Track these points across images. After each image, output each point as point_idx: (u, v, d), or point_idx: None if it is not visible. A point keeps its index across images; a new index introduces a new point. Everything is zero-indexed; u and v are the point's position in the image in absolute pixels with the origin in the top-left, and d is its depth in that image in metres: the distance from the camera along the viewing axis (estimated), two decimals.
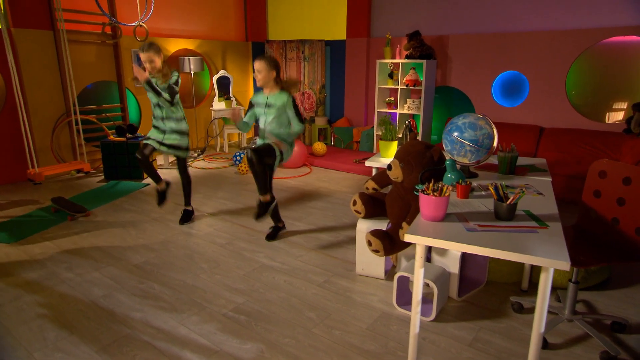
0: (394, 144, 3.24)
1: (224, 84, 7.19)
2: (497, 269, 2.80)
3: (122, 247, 3.38)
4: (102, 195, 4.66)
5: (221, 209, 4.24)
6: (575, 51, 4.79)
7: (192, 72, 6.60)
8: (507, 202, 1.82)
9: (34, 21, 5.02)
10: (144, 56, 3.38)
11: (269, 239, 3.49)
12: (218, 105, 7.00)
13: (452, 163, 2.24)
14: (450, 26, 5.65)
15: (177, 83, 3.49)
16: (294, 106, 3.18)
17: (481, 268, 2.80)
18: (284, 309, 2.53)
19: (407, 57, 5.61)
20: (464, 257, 2.83)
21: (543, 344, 2.17)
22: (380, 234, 2.48)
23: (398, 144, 3.32)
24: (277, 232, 3.56)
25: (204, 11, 7.01)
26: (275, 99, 3.18)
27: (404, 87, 5.71)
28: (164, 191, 3.76)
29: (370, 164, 3.17)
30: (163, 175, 5.37)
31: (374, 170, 3.19)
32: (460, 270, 2.61)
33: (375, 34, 6.36)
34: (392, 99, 5.92)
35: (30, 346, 2.18)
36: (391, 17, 6.14)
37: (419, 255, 1.77)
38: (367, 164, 3.18)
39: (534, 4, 4.98)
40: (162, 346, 2.18)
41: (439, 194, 1.82)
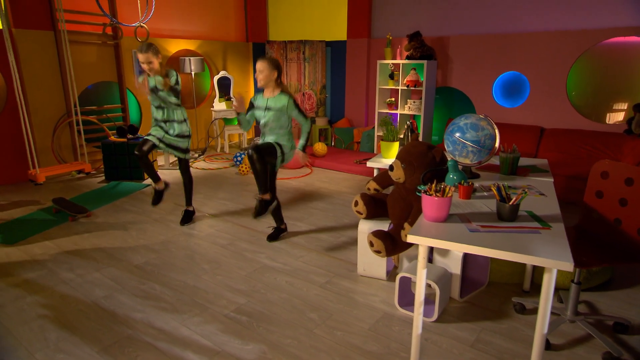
0: (396, 144, 3.23)
1: (224, 84, 7.19)
2: (499, 270, 2.80)
3: (123, 247, 3.37)
4: (103, 195, 4.65)
5: (222, 210, 4.24)
6: (576, 52, 4.79)
7: (193, 73, 6.60)
8: (510, 203, 1.82)
9: (34, 22, 5.02)
10: (142, 57, 3.38)
11: (271, 239, 3.49)
12: (219, 105, 6.99)
13: (454, 164, 2.24)
14: (451, 27, 5.65)
15: (178, 83, 3.49)
16: (296, 106, 3.17)
17: (483, 269, 2.80)
18: (285, 309, 2.52)
19: (408, 57, 5.61)
20: (466, 257, 2.83)
21: (545, 345, 2.16)
22: (382, 235, 2.48)
23: (399, 145, 3.32)
24: (278, 233, 3.55)
25: (205, 12, 7.02)
26: (275, 102, 3.18)
27: (405, 88, 5.71)
28: (161, 191, 3.73)
29: (372, 164, 3.17)
30: (163, 175, 5.36)
31: (375, 171, 3.19)
32: (462, 271, 2.61)
33: (375, 34, 6.36)
34: (393, 99, 5.92)
35: (31, 347, 2.18)
36: (392, 18, 6.14)
37: (421, 256, 1.77)
38: (369, 164, 3.18)
39: (535, 5, 4.99)
40: (163, 347, 2.18)
41: (441, 194, 1.82)
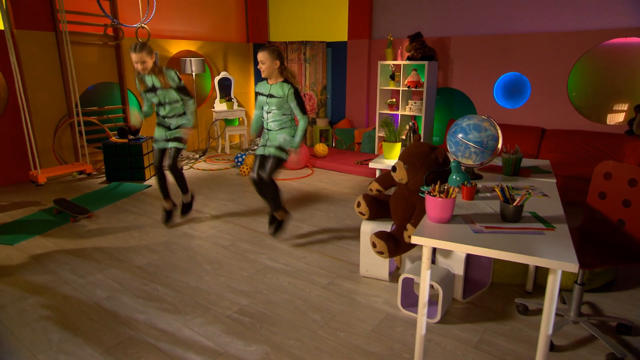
0: (398, 145, 3.23)
1: (225, 85, 7.19)
2: (501, 271, 2.80)
3: (124, 248, 3.37)
4: (104, 196, 4.65)
5: (223, 211, 4.24)
6: (577, 53, 4.79)
7: (194, 74, 6.60)
8: (514, 204, 1.82)
9: (36, 22, 5.02)
10: (135, 57, 3.37)
11: (275, 232, 3.51)
12: (219, 106, 6.99)
13: (458, 164, 2.24)
14: (452, 28, 5.65)
15: (180, 79, 3.58)
16: (296, 97, 3.18)
17: (485, 269, 2.80)
18: (288, 310, 2.52)
19: (409, 58, 5.61)
20: (468, 258, 2.83)
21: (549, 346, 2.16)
22: (384, 236, 2.48)
23: (402, 146, 3.32)
24: (280, 224, 3.54)
25: (206, 13, 7.02)
26: (277, 90, 3.20)
27: (406, 89, 5.71)
28: (170, 211, 3.86)
29: (374, 165, 3.16)
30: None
31: (377, 172, 3.18)
32: (465, 272, 2.61)
33: (376, 35, 6.36)
34: (394, 100, 5.92)
35: (34, 348, 2.18)
36: (393, 19, 6.14)
37: (425, 257, 1.77)
38: (371, 165, 3.17)
39: (535, 6, 4.99)
40: (166, 348, 2.18)
41: (445, 195, 1.81)
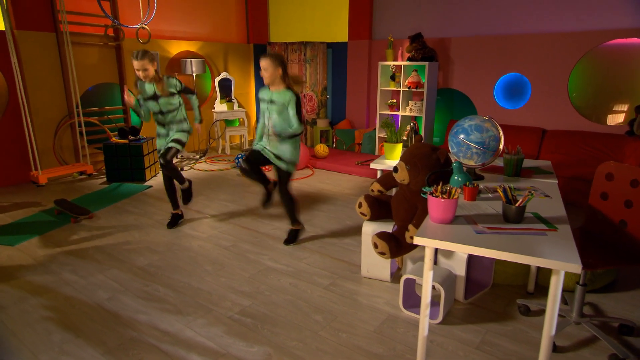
0: (399, 146, 3.23)
1: (225, 86, 7.19)
2: (503, 271, 2.80)
3: (125, 249, 3.37)
4: (104, 197, 4.65)
5: (224, 211, 4.24)
6: (578, 53, 4.80)
7: (194, 74, 6.61)
8: (516, 205, 1.82)
9: (37, 23, 5.01)
10: (137, 64, 3.36)
11: (287, 242, 3.49)
12: (220, 107, 6.99)
13: (459, 165, 2.24)
14: (452, 28, 5.65)
15: (182, 84, 3.61)
16: (296, 105, 3.17)
17: (487, 270, 2.80)
18: (290, 311, 2.52)
19: (409, 59, 5.62)
20: (470, 259, 2.82)
21: None
22: (386, 237, 2.48)
23: (403, 147, 3.32)
24: (295, 234, 3.53)
25: (206, 13, 7.02)
26: (279, 96, 3.18)
27: (406, 89, 5.71)
28: (177, 215, 3.91)
29: (375, 166, 3.16)
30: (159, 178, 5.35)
31: (378, 173, 3.18)
32: (466, 273, 2.61)
33: (377, 36, 6.36)
34: (394, 101, 5.92)
35: (35, 349, 2.17)
36: (393, 20, 6.14)
37: (427, 257, 1.77)
38: (372, 166, 3.17)
39: (536, 7, 4.99)
40: (168, 349, 2.17)
41: (447, 196, 1.81)
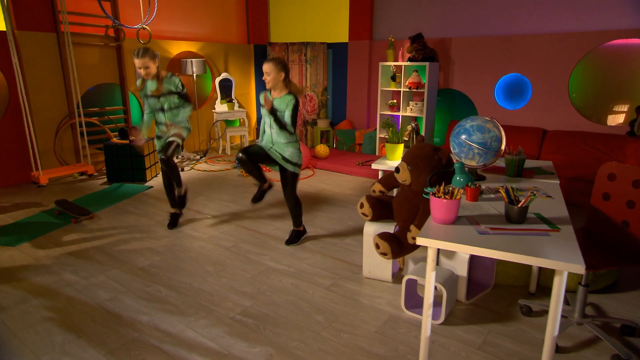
0: (400, 146, 3.23)
1: (226, 86, 7.19)
2: (504, 272, 2.79)
3: (127, 249, 3.37)
4: (105, 197, 4.64)
5: (225, 212, 4.23)
6: (578, 54, 4.80)
7: (195, 75, 6.60)
8: (519, 205, 1.81)
9: (37, 23, 5.01)
10: (138, 62, 3.34)
11: (288, 242, 3.48)
12: (220, 107, 6.99)
13: (462, 166, 2.24)
14: (453, 29, 5.66)
15: (183, 86, 3.57)
16: (293, 109, 3.15)
17: (489, 271, 2.79)
18: (291, 312, 2.52)
19: (410, 59, 5.62)
20: (472, 259, 2.82)
21: None
22: (388, 237, 2.48)
23: (404, 147, 3.32)
24: (298, 235, 3.51)
25: (206, 14, 7.02)
26: (280, 103, 3.17)
27: (407, 90, 5.71)
28: (176, 214, 3.89)
29: (377, 166, 3.16)
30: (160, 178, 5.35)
31: (380, 173, 3.18)
32: (468, 273, 2.61)
33: (377, 36, 6.37)
34: (395, 101, 5.92)
35: (37, 350, 2.17)
36: (393, 20, 6.15)
37: (430, 258, 1.77)
38: (374, 166, 3.17)
39: (537, 7, 5.00)
40: (170, 350, 2.17)
41: (450, 196, 1.81)
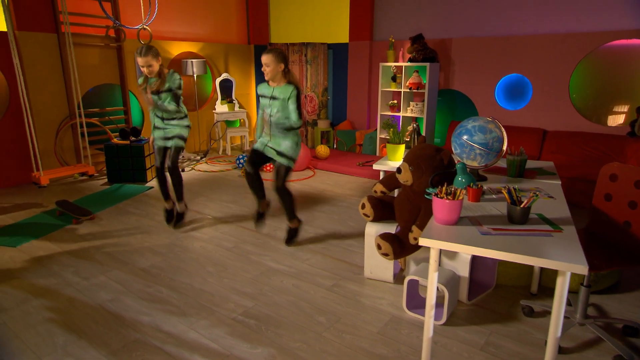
0: (402, 147, 3.23)
1: (226, 86, 7.19)
2: (506, 272, 2.79)
3: (127, 250, 3.36)
4: (106, 198, 4.64)
5: (225, 212, 4.23)
6: (579, 54, 4.80)
7: (195, 75, 6.60)
8: (521, 206, 1.81)
9: (38, 24, 5.01)
10: (141, 60, 3.33)
11: (288, 241, 3.48)
12: (220, 108, 6.99)
13: (463, 166, 2.24)
14: (453, 29, 5.66)
15: (180, 87, 3.52)
16: (296, 99, 3.16)
17: (490, 271, 2.79)
18: (293, 312, 2.51)
19: (410, 60, 5.62)
20: (473, 260, 2.82)
21: None
22: (389, 238, 2.47)
23: (406, 148, 3.32)
24: (294, 233, 3.50)
25: (207, 14, 7.02)
26: (281, 92, 3.17)
27: (407, 90, 5.71)
28: (171, 210, 3.89)
29: (378, 167, 3.16)
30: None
31: (381, 174, 3.18)
32: (470, 274, 2.61)
33: (378, 37, 6.37)
34: (395, 102, 5.92)
35: (39, 350, 2.17)
36: (394, 21, 6.15)
37: (433, 259, 1.77)
38: (375, 167, 3.17)
39: (537, 7, 5.00)
40: (172, 350, 2.17)
41: (452, 197, 1.81)
